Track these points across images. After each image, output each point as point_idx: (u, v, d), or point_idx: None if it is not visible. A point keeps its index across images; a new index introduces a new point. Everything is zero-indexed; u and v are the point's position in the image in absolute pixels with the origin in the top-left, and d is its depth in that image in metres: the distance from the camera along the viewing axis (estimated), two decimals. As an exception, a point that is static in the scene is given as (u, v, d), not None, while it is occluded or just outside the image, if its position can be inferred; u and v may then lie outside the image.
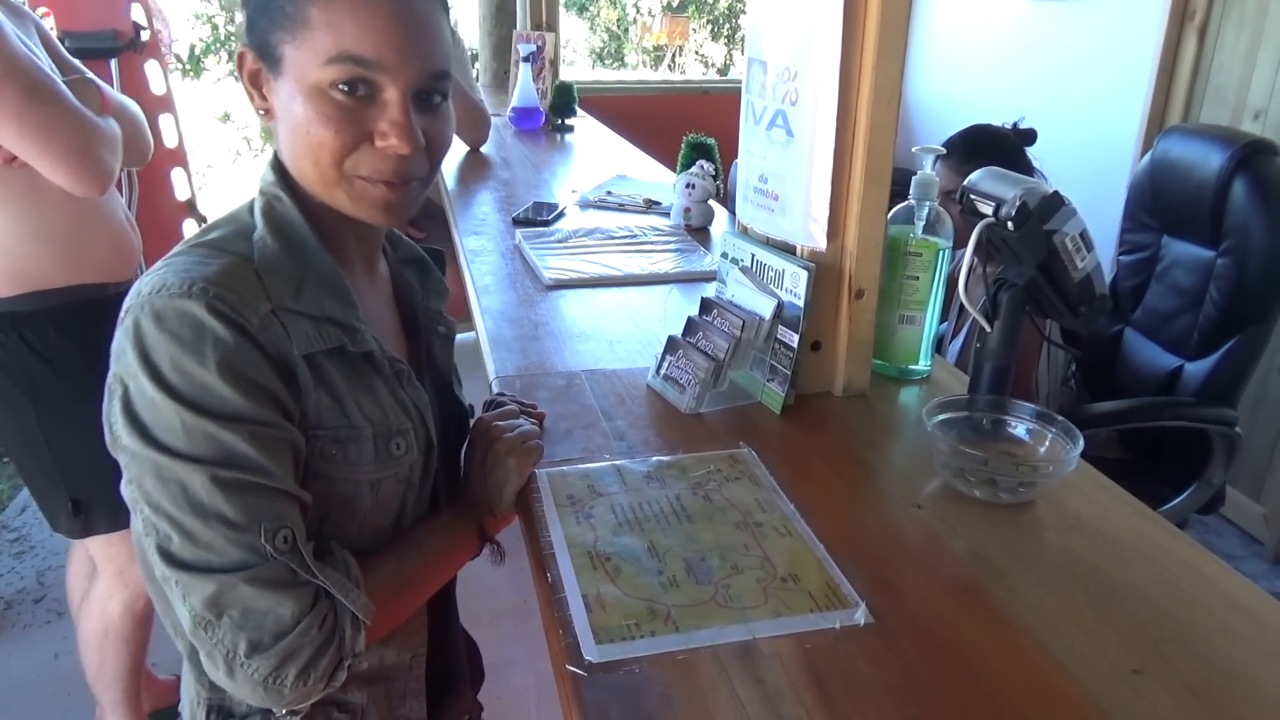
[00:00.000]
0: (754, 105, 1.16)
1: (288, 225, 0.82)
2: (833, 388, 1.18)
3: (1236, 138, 1.93)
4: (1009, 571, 0.85)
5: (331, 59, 0.75)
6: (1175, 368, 2.06)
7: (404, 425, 0.86)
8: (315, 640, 0.74)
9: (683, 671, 0.71)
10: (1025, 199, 0.99)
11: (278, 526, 0.73)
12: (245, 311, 0.74)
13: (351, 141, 0.78)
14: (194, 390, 0.71)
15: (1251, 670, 0.73)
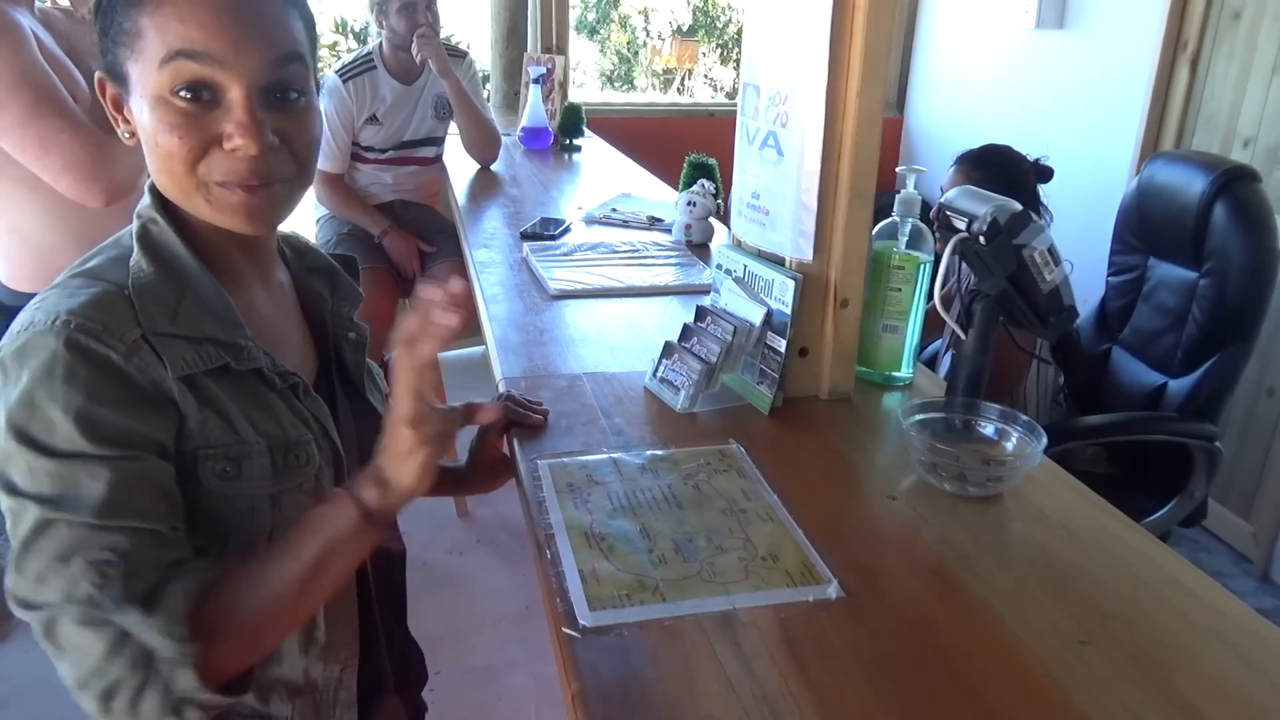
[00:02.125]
0: (748, 126, 1.24)
1: (163, 248, 0.81)
2: (819, 392, 1.25)
3: (1218, 163, 2.01)
4: (973, 556, 0.92)
5: (163, 61, 0.74)
6: (1160, 385, 2.12)
7: (304, 437, 0.85)
8: (132, 678, 0.69)
9: (668, 636, 0.78)
10: (996, 215, 1.06)
11: (100, 559, 0.69)
12: (110, 340, 0.73)
13: (199, 146, 0.77)
14: (42, 429, 0.71)
15: (1189, 643, 0.80)
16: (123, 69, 0.78)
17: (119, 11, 0.76)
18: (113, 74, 0.79)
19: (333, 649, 0.90)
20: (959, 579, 0.88)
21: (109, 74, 0.80)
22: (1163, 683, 0.75)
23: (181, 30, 0.74)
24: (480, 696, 2.19)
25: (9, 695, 2.17)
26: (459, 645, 2.32)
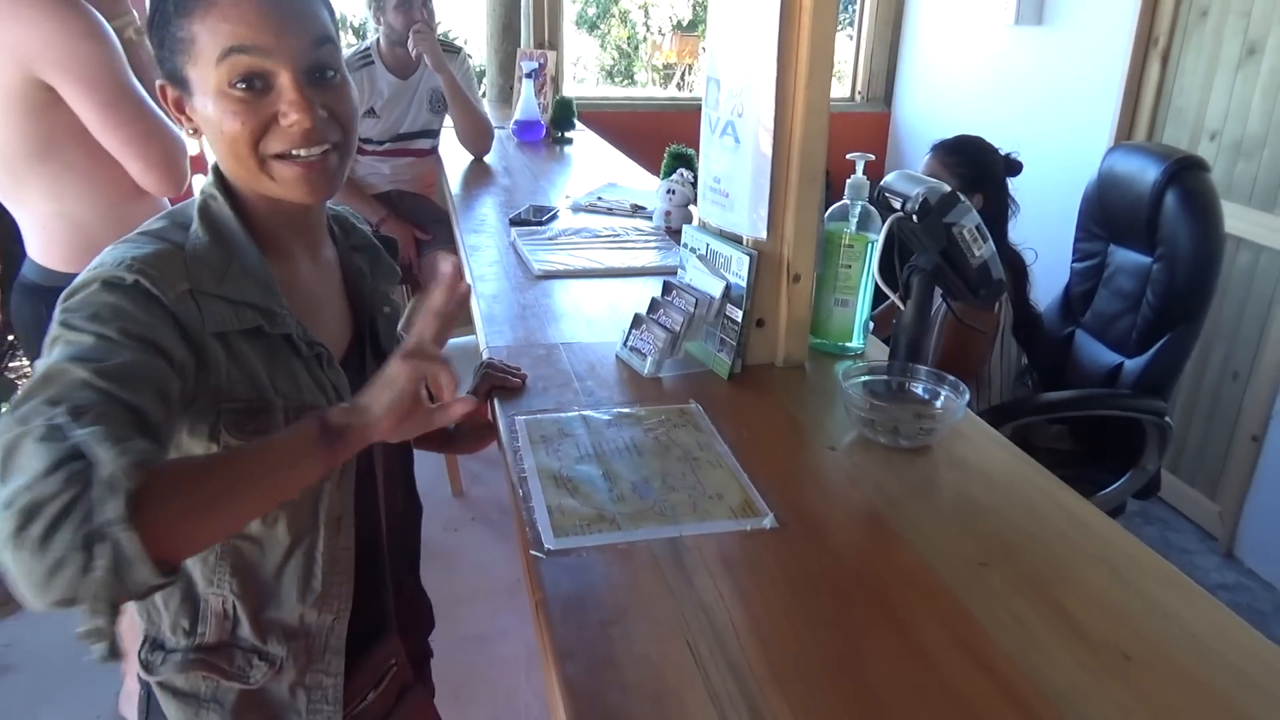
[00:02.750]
0: (711, 117, 1.35)
1: (219, 221, 0.92)
2: (775, 360, 1.37)
3: (1170, 154, 2.12)
4: (898, 497, 1.04)
5: (219, 59, 0.85)
6: (1117, 365, 2.24)
7: (318, 402, 0.92)
8: (60, 495, 0.64)
9: (621, 557, 0.90)
10: (927, 196, 1.18)
11: (80, 404, 0.70)
12: (163, 286, 0.82)
13: (259, 126, 0.87)
14: (85, 316, 0.77)
15: (1075, 565, 0.92)
16: (182, 73, 0.88)
17: (172, 24, 0.86)
18: (173, 79, 0.90)
19: (327, 598, 0.98)
20: (882, 515, 1.00)
21: (170, 80, 0.90)
22: (1048, 596, 0.87)
23: (230, 30, 0.84)
24: (472, 663, 2.31)
25: (16, 663, 2.28)
26: (452, 615, 2.44)
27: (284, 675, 0.98)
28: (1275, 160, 2.71)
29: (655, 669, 0.76)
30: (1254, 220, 2.76)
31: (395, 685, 1.14)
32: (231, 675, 0.95)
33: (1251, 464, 2.80)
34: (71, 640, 0.68)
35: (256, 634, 0.96)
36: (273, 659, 0.97)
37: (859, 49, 4.78)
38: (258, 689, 0.97)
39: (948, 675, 0.76)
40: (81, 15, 1.55)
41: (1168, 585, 0.89)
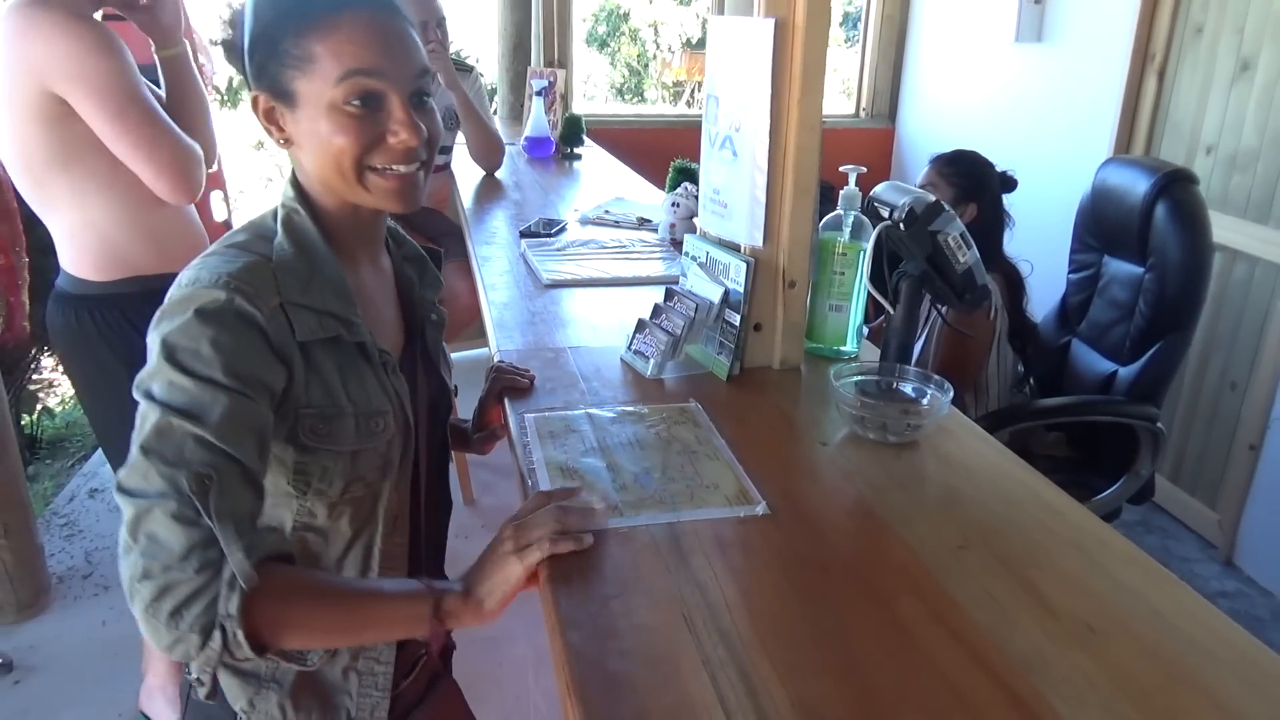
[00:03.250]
0: (711, 131, 1.42)
1: (302, 233, 0.97)
2: (772, 362, 1.44)
3: (1160, 167, 2.18)
4: (884, 487, 1.10)
5: (341, 78, 0.91)
6: (1111, 372, 2.29)
7: (384, 407, 0.99)
8: (193, 581, 0.79)
9: (623, 540, 0.97)
10: (913, 205, 1.25)
11: (203, 472, 0.81)
12: (258, 302, 0.88)
13: (368, 143, 0.94)
14: (188, 355, 0.84)
15: (1050, 549, 0.98)
16: (289, 86, 0.93)
17: (286, 40, 0.92)
18: (275, 91, 0.95)
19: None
20: (868, 503, 1.07)
21: (271, 92, 0.95)
22: (1021, 575, 0.93)
23: (354, 52, 0.91)
24: (482, 665, 2.36)
25: (41, 663, 2.35)
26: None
27: (338, 659, 1.04)
28: (1270, 173, 2.77)
29: (652, 637, 0.82)
30: (1249, 232, 2.82)
31: (426, 674, 1.20)
32: (291, 656, 0.97)
33: (1250, 473, 2.85)
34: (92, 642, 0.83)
35: None
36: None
37: (864, 66, 4.86)
38: (314, 670, 1.02)
39: (923, 644, 0.82)
40: (92, 31, 1.63)
41: (1133, 565, 0.95)
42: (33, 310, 2.83)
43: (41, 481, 3.34)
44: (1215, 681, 0.79)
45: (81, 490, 3.20)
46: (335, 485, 0.97)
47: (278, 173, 5.81)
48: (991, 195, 2.28)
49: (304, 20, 0.92)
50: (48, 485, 3.33)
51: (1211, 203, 2.89)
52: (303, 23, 0.92)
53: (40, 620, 2.50)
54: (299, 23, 0.92)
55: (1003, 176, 2.33)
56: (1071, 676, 0.79)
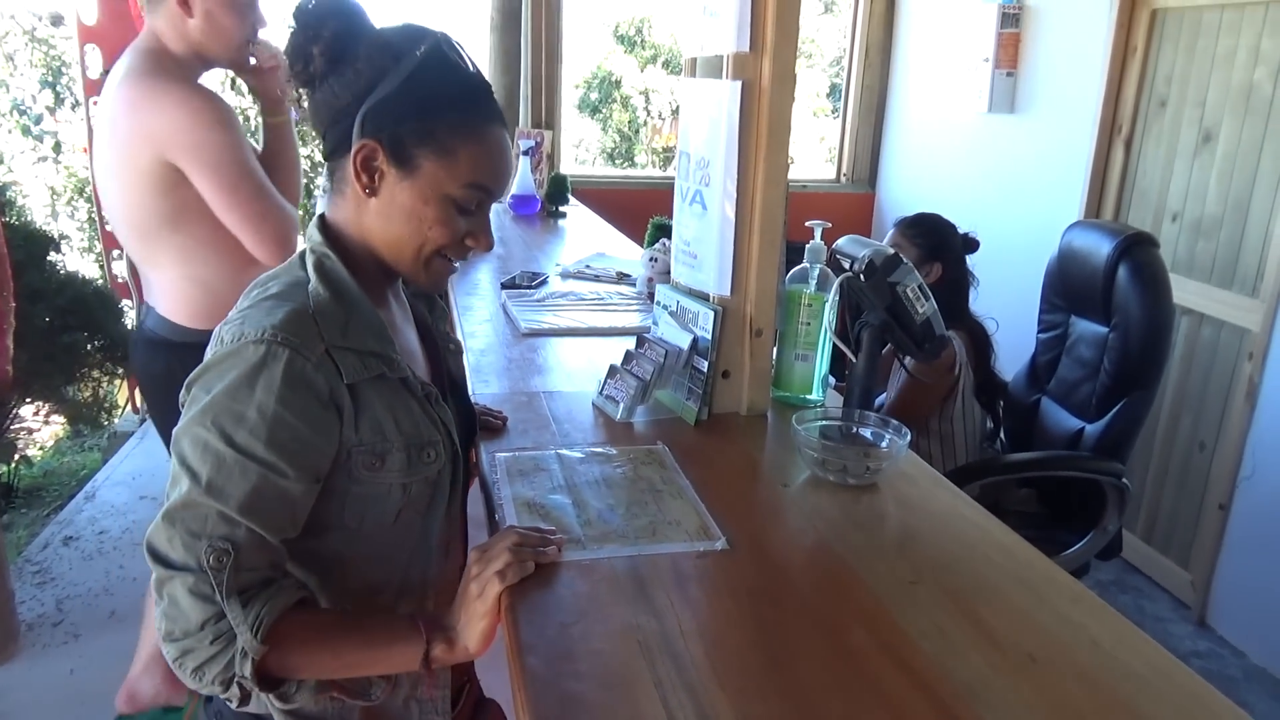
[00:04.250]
0: (683, 187, 1.48)
1: (335, 278, 1.00)
2: (739, 409, 1.48)
3: (1122, 230, 2.26)
4: (841, 526, 1.13)
5: (469, 185, 0.99)
6: (1079, 429, 2.34)
7: (434, 437, 1.02)
8: (208, 650, 0.88)
9: (584, 571, 1.00)
10: (873, 258, 1.30)
11: (221, 548, 0.87)
12: (305, 351, 0.91)
13: (458, 239, 1.02)
14: (232, 421, 0.88)
15: (998, 584, 1.01)
16: (414, 157, 0.98)
17: (440, 125, 0.98)
18: (395, 150, 0.98)
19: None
20: (825, 540, 1.10)
21: (390, 147, 0.98)
22: (968, 609, 0.96)
23: (489, 170, 1.00)
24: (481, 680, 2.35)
25: (8, 711, 2.32)
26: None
27: (399, 690, 1.07)
28: (1232, 240, 2.86)
29: (607, 661, 0.85)
30: (1214, 296, 2.90)
31: (471, 699, 1.24)
32: (355, 694, 1.02)
33: (1219, 532, 2.88)
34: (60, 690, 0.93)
35: None
36: (390, 676, 1.04)
37: (845, 134, 5.00)
38: (377, 705, 1.05)
39: (870, 672, 0.85)
40: (209, 104, 1.72)
41: (1077, 602, 0.98)
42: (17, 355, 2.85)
43: (16, 530, 3.33)
44: (1150, 709, 0.82)
45: (55, 538, 3.19)
46: (387, 516, 1.01)
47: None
48: (955, 255, 2.35)
49: (461, 117, 0.98)
50: (21, 534, 3.31)
51: (1177, 268, 2.99)
52: (459, 119, 0.98)
53: (8, 667, 2.47)
54: (456, 117, 0.98)
55: (965, 238, 2.41)
56: (1012, 703, 0.82)
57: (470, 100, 1.00)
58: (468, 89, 1.00)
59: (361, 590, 1.04)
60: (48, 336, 3.35)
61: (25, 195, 5.26)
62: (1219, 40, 2.89)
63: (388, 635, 0.97)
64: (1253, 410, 2.74)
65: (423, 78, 0.97)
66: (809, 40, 9.18)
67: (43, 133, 5.78)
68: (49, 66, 5.79)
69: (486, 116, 1.00)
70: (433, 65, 0.98)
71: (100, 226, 4.21)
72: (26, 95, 5.78)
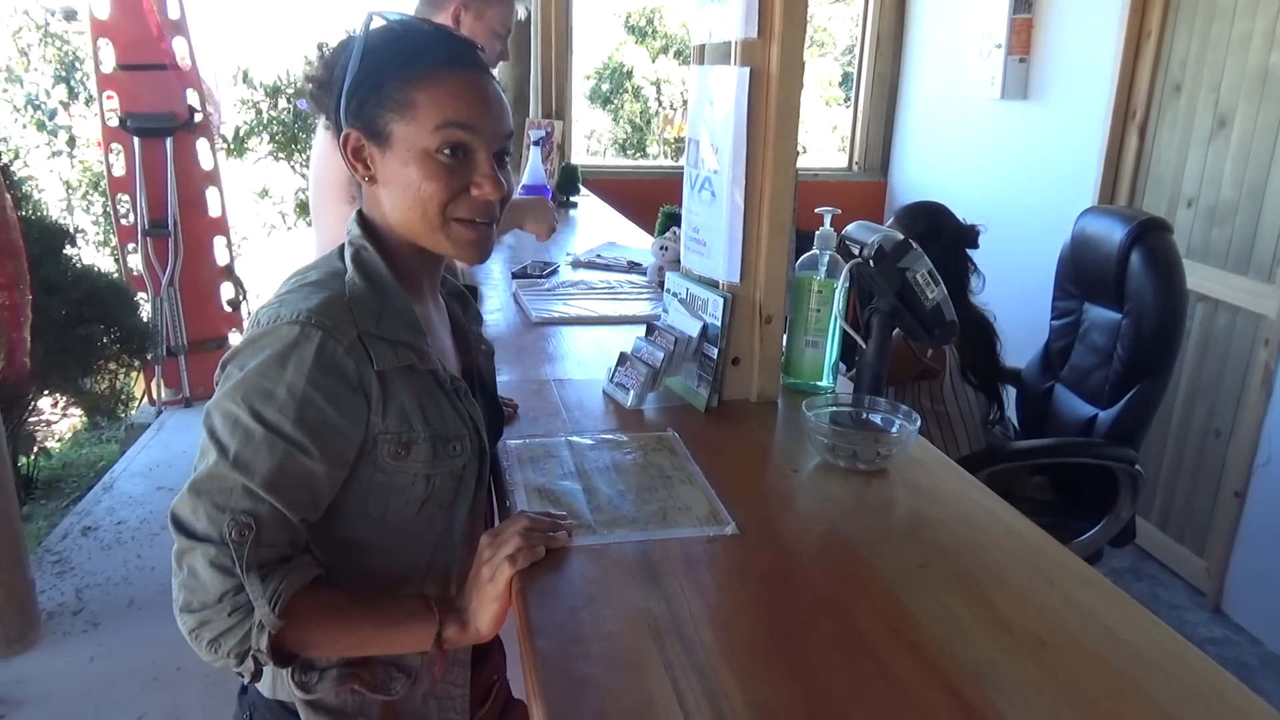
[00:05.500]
0: (692, 174, 1.48)
1: (372, 268, 1.01)
2: (750, 395, 1.48)
3: (1135, 216, 2.25)
4: (851, 511, 1.14)
5: (438, 126, 0.97)
6: (1091, 416, 2.33)
7: (460, 432, 1.03)
8: (226, 622, 0.90)
9: (596, 556, 1.00)
10: (882, 243, 1.30)
11: (244, 521, 0.89)
12: (338, 335, 0.92)
13: (454, 191, 0.99)
14: (262, 398, 0.90)
15: (1007, 568, 1.01)
16: (385, 128, 0.99)
17: (391, 85, 0.98)
18: (370, 131, 1.00)
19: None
20: (835, 525, 1.10)
21: (364, 130, 1.00)
22: (978, 593, 0.96)
23: (455, 105, 0.97)
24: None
25: (28, 699, 2.35)
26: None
27: (419, 686, 1.07)
28: (1247, 225, 2.84)
29: (616, 644, 0.85)
30: (1229, 283, 2.88)
31: (499, 700, 1.24)
32: (376, 688, 1.03)
33: (1235, 519, 2.87)
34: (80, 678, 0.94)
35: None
36: (409, 670, 1.05)
37: (857, 122, 4.98)
38: (397, 700, 1.05)
39: (879, 654, 0.85)
40: None
41: (1088, 586, 0.98)
42: (34, 348, 2.88)
43: (35, 521, 3.36)
44: (1160, 692, 0.82)
45: (75, 528, 3.22)
46: (410, 507, 1.01)
47: (280, 220, 5.90)
48: (945, 244, 2.33)
49: (411, 69, 0.98)
50: (41, 525, 3.34)
51: (1192, 254, 2.97)
52: (410, 71, 0.98)
53: (29, 655, 2.51)
54: (406, 71, 0.98)
55: (964, 227, 2.40)
56: (1020, 685, 0.82)
57: (414, 50, 1.00)
58: (411, 41, 1.01)
59: (383, 581, 1.04)
60: (64, 329, 3.38)
61: (40, 189, 5.30)
62: (1234, 23, 2.86)
63: (401, 615, 0.98)
64: (1269, 397, 2.72)
65: (371, 53, 0.99)
66: (821, 29, 9.13)
67: (57, 127, 5.81)
68: (62, 61, 5.82)
69: (436, 60, 0.99)
70: (377, 37, 1.00)
71: (115, 220, 4.24)
72: (40, 90, 5.81)
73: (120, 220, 4.21)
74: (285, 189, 5.83)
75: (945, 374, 2.24)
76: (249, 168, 5.58)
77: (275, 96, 5.48)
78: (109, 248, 5.37)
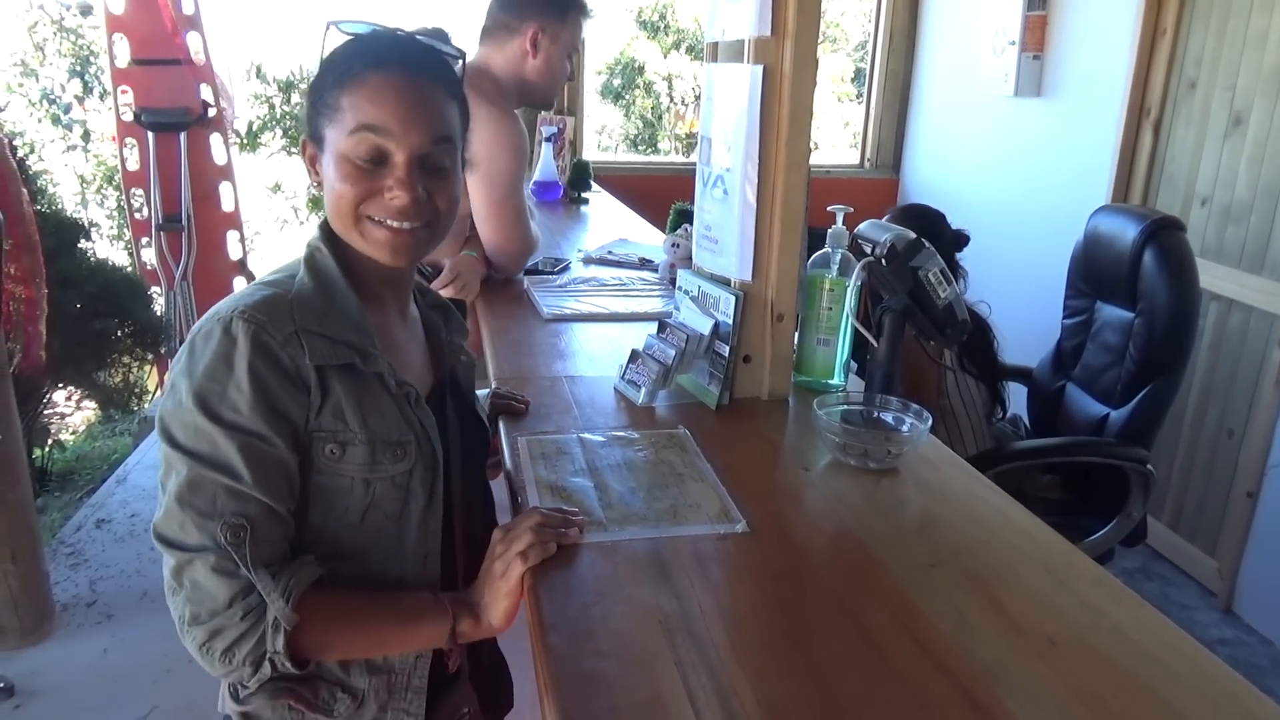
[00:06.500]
0: (704, 172, 1.49)
1: (323, 270, 1.02)
2: (761, 393, 1.48)
3: (1148, 214, 2.24)
4: (861, 509, 1.14)
5: (352, 130, 0.98)
6: (1103, 415, 2.33)
7: (405, 438, 1.01)
8: (239, 626, 0.89)
9: (607, 553, 1.01)
10: (894, 242, 1.30)
11: (236, 523, 0.89)
12: (273, 330, 0.93)
13: (364, 193, 0.99)
14: (216, 399, 0.91)
15: (1018, 568, 1.01)
16: (322, 133, 1.01)
17: (327, 92, 1.00)
18: (314, 137, 1.03)
19: None
20: (845, 523, 1.10)
21: (311, 137, 1.04)
22: (988, 592, 0.96)
23: (370, 110, 0.98)
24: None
25: (42, 689, 2.37)
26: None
27: (365, 710, 1.04)
28: (1262, 225, 2.82)
29: (627, 640, 0.86)
30: (1244, 282, 2.86)
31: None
32: (316, 707, 1.01)
33: (1248, 520, 2.86)
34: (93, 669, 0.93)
35: (341, 666, 1.03)
36: (355, 692, 1.03)
37: (869, 119, 4.97)
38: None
39: (889, 652, 0.86)
40: (513, 130, 2.00)
41: (1099, 586, 0.98)
42: (49, 341, 2.90)
43: (50, 513, 3.39)
44: (1170, 693, 0.82)
45: (89, 521, 3.25)
46: (353, 513, 0.99)
47: (293, 214, 5.93)
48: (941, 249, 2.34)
49: (342, 75, 1.00)
50: (55, 517, 3.37)
51: (1206, 253, 2.95)
52: (341, 77, 1.00)
53: (43, 646, 2.53)
54: (338, 77, 1.00)
55: (956, 234, 2.40)
56: (1030, 685, 0.82)
57: (348, 56, 1.01)
58: (349, 49, 1.02)
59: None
60: (79, 323, 3.40)
61: (55, 184, 5.33)
62: (1250, 21, 2.84)
63: (415, 612, 0.99)
64: (1282, 397, 2.71)
65: (325, 62, 1.03)
66: (833, 25, 9.10)
67: (71, 121, 5.84)
68: (77, 56, 5.84)
69: (364, 63, 0.99)
70: (331, 50, 1.03)
71: (129, 214, 4.27)
72: (55, 84, 5.84)
73: (134, 215, 4.24)
74: (298, 184, 5.86)
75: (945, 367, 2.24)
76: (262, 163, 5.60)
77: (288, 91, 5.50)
78: (123, 242, 5.40)
